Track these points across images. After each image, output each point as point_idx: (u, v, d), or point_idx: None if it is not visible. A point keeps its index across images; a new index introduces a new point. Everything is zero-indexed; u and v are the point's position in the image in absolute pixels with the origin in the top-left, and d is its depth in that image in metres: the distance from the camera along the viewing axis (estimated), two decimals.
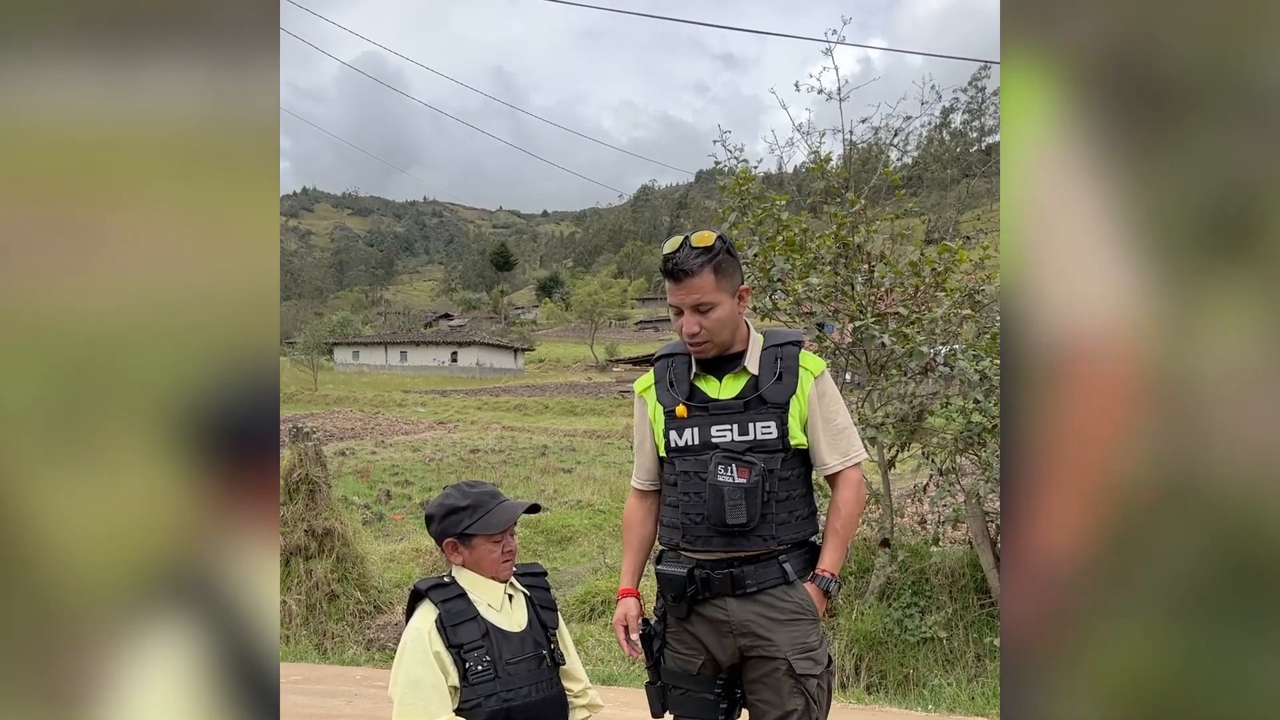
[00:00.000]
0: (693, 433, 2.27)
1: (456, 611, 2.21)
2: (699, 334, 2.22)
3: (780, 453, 2.23)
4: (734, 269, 2.24)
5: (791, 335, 2.36)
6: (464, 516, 2.26)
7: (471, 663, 2.15)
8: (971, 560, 5.58)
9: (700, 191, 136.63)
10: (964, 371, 5.15)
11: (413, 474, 17.10)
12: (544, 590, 2.42)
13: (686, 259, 2.17)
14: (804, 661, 2.21)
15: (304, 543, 6.69)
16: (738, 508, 2.18)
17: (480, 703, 2.15)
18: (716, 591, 2.25)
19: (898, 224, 6.37)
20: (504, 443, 22.67)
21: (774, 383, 2.26)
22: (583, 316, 77.21)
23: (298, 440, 7.07)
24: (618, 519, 11.84)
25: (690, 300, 2.20)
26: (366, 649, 6.33)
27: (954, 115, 50.78)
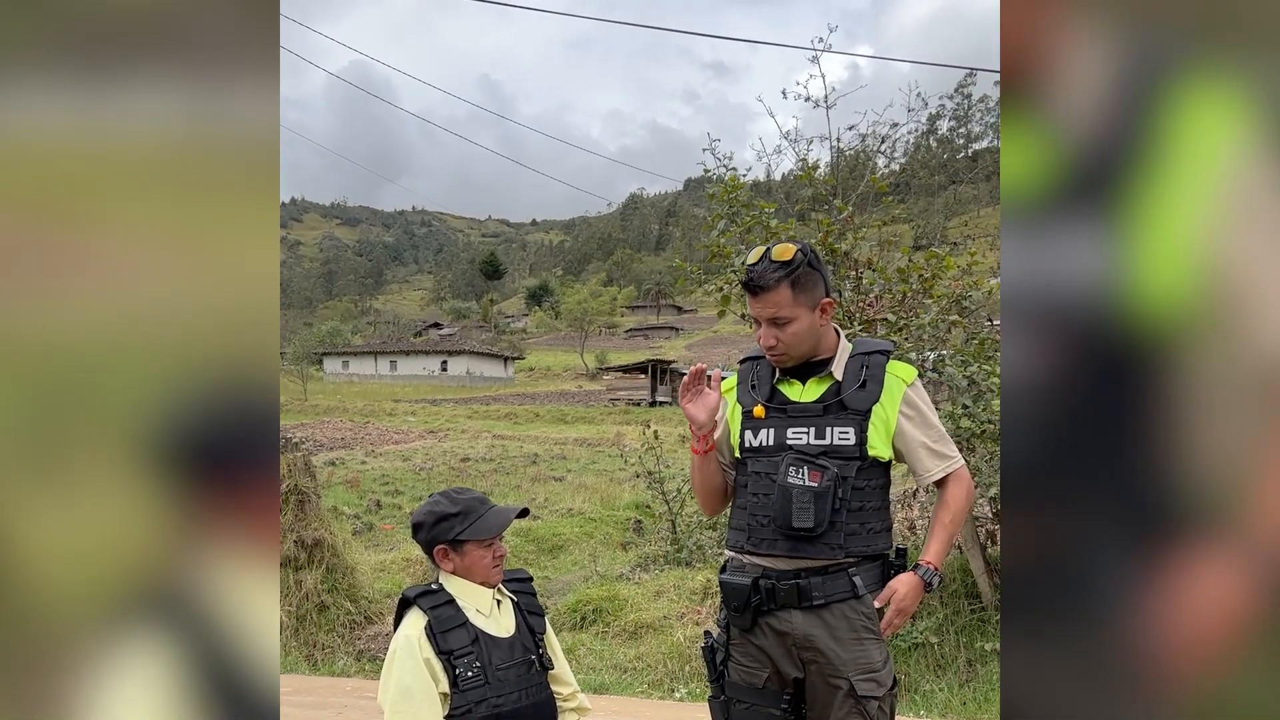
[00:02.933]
0: (768, 433, 2.23)
1: (445, 618, 2.20)
2: (776, 346, 2.19)
3: (856, 460, 2.17)
4: (815, 282, 2.18)
5: (880, 345, 2.31)
6: (455, 523, 2.25)
7: (461, 669, 2.15)
8: (962, 565, 5.59)
9: (689, 199, 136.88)
10: (952, 377, 5.17)
11: (403, 483, 17.02)
12: (530, 596, 2.42)
13: (764, 273, 2.14)
14: (867, 683, 2.14)
15: (294, 553, 6.65)
16: (805, 511, 2.11)
17: (471, 709, 2.14)
18: (782, 603, 2.18)
19: (885, 230, 6.39)
20: (495, 451, 22.60)
21: (857, 389, 2.21)
22: (572, 325, 77.25)
23: (287, 450, 7.04)
24: (609, 527, 11.82)
25: (767, 313, 2.16)
26: (357, 660, 6.29)
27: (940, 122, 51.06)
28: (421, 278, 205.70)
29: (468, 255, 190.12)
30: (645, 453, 9.52)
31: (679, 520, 8.96)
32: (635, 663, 5.74)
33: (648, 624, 6.29)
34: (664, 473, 9.36)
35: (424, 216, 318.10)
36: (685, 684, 5.39)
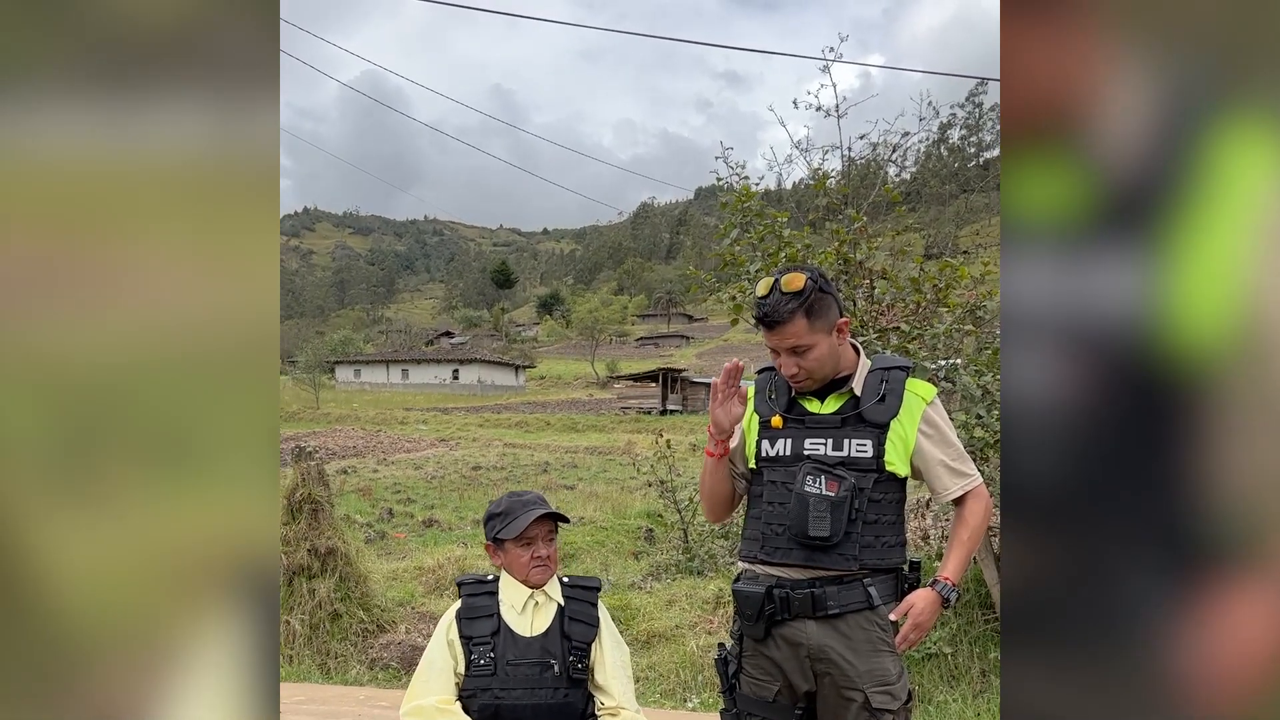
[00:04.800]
0: (785, 444, 2.23)
1: (476, 606, 2.39)
2: (798, 374, 2.19)
3: (873, 473, 2.17)
4: (827, 306, 2.17)
5: (900, 362, 2.31)
6: (497, 522, 2.44)
7: (476, 656, 2.31)
8: (976, 576, 5.57)
9: (700, 208, 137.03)
10: (966, 386, 5.16)
11: (414, 492, 17.06)
12: (586, 605, 2.48)
13: (776, 307, 2.13)
14: (882, 695, 2.12)
15: (307, 562, 6.67)
16: (821, 519, 2.11)
17: (475, 695, 2.29)
18: (796, 613, 2.17)
19: (898, 239, 6.39)
20: (506, 460, 22.64)
21: (875, 403, 2.20)
22: (583, 333, 77.32)
23: (300, 460, 7.06)
24: (620, 535, 11.81)
25: (785, 345, 2.16)
26: (369, 668, 6.30)
27: (952, 131, 51.00)
28: (433, 286, 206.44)
29: (479, 264, 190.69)
30: (657, 461, 9.51)
31: (691, 529, 8.94)
32: (648, 672, 5.74)
33: (660, 633, 6.28)
34: (675, 481, 9.35)
35: (436, 225, 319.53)
36: (698, 694, 5.38)
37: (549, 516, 2.45)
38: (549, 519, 2.45)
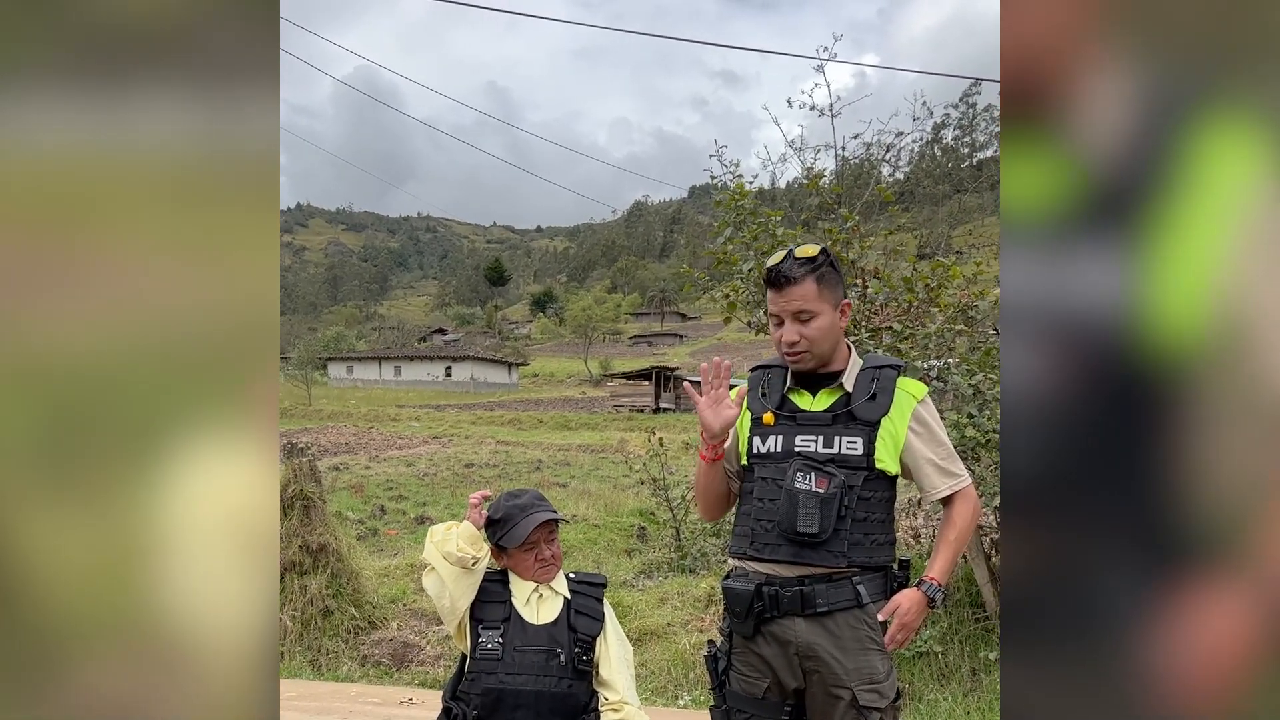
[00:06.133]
0: (776, 440, 2.24)
1: (491, 591, 2.40)
2: (798, 343, 2.19)
3: (863, 470, 2.17)
4: (836, 282, 2.21)
5: (891, 361, 2.33)
6: (497, 530, 2.44)
7: (484, 639, 2.32)
8: (966, 574, 5.59)
9: (694, 207, 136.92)
10: (958, 386, 5.17)
11: (407, 489, 17.03)
12: (592, 600, 2.50)
13: (790, 267, 2.16)
14: (869, 694, 2.13)
15: (298, 558, 6.66)
16: (811, 515, 2.12)
17: (478, 678, 2.30)
18: (785, 611, 2.18)
19: (891, 239, 6.41)
20: (499, 457, 22.61)
21: (866, 400, 2.21)
22: (577, 332, 77.32)
23: (292, 456, 7.05)
24: (613, 533, 11.80)
25: (792, 308, 2.17)
26: (361, 665, 6.30)
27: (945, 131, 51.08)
28: (426, 284, 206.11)
29: (472, 261, 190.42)
30: (650, 459, 9.52)
31: (683, 527, 8.95)
32: (639, 669, 5.74)
33: (652, 630, 6.29)
34: (668, 480, 9.35)
35: (429, 223, 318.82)
36: (689, 690, 5.39)
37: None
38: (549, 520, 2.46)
